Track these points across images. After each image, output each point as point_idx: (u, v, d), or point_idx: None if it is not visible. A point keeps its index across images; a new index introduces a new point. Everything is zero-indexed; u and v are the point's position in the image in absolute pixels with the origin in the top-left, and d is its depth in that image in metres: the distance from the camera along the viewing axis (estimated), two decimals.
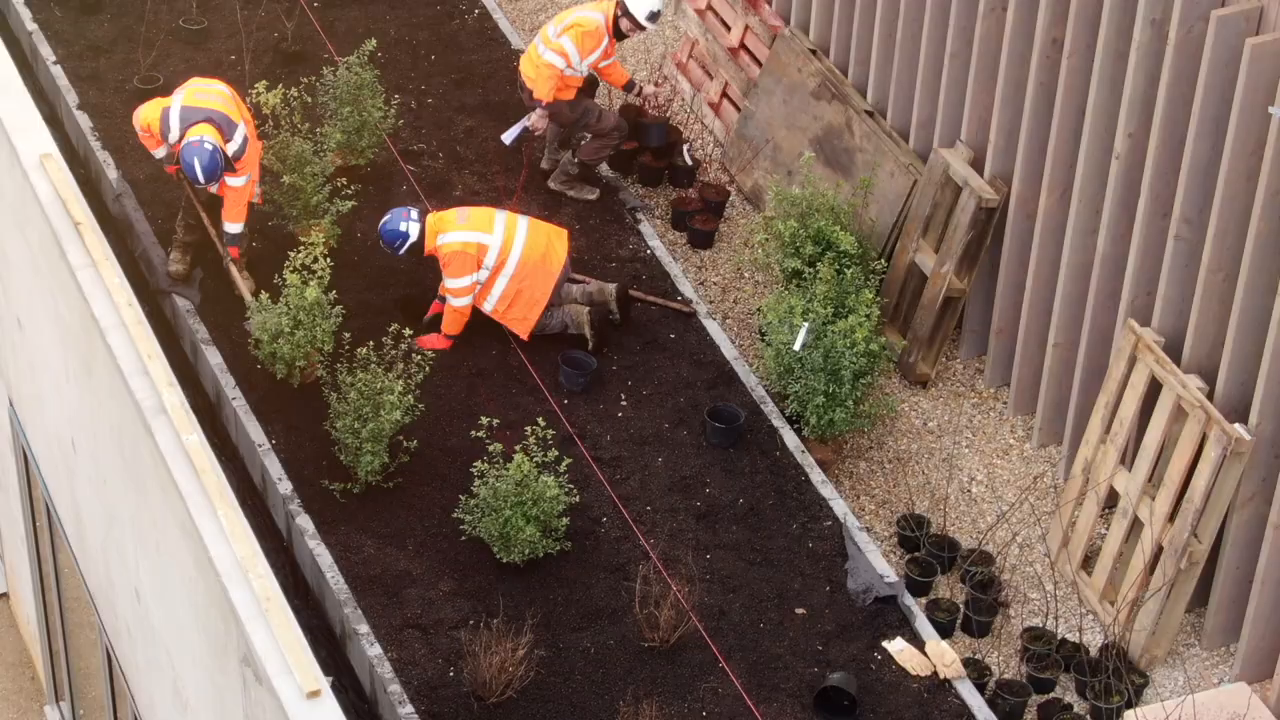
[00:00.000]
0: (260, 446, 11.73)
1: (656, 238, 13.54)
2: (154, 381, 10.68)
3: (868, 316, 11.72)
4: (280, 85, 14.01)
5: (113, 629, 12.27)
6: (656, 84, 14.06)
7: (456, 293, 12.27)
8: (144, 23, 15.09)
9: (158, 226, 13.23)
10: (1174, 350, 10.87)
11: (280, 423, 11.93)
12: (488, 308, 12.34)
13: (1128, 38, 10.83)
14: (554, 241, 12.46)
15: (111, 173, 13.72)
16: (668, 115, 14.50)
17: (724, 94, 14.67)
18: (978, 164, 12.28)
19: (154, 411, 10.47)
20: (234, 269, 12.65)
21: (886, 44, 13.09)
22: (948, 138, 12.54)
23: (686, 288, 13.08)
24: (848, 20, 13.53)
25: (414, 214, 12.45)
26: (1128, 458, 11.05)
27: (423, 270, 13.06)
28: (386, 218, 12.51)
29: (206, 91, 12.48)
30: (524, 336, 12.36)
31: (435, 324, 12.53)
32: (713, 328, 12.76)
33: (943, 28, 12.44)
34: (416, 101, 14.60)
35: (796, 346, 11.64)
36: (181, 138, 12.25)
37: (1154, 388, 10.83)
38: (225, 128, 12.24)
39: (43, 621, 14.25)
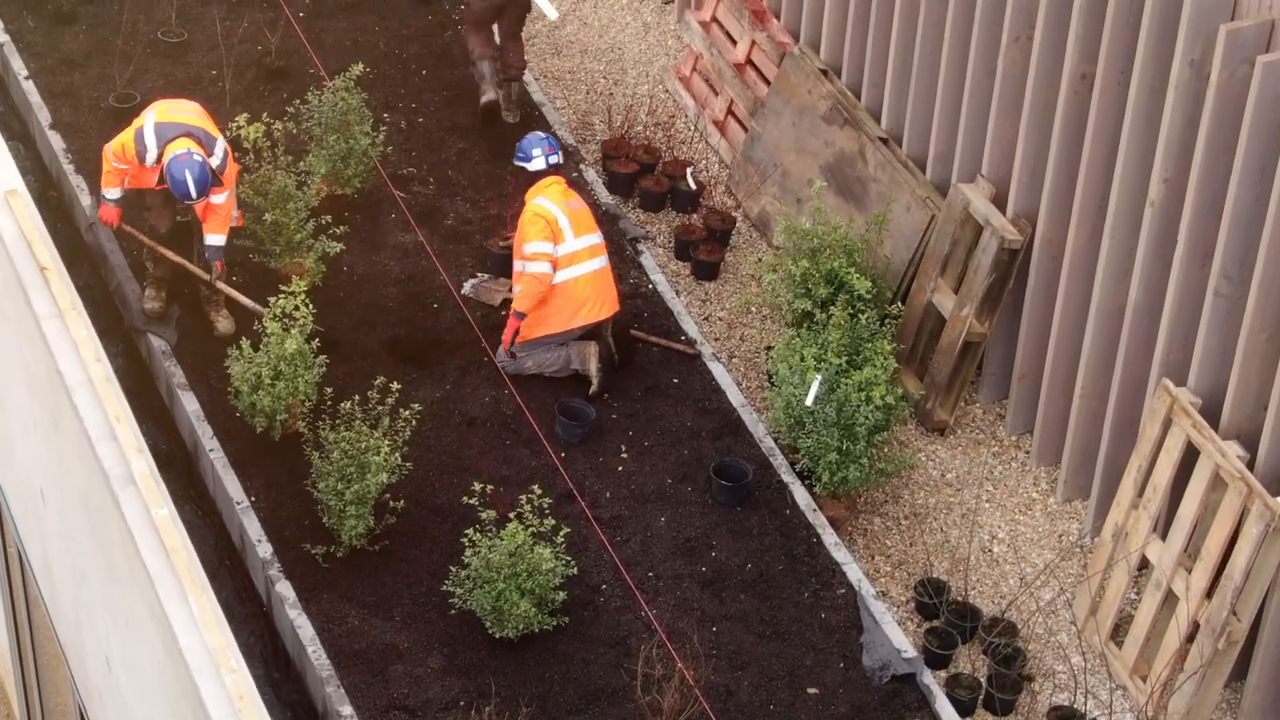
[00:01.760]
0: (239, 504, 11.05)
1: (658, 270, 12.85)
2: (122, 447, 9.98)
3: (884, 368, 11.02)
4: (264, 114, 13.33)
5: (85, 690, 11.61)
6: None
7: (532, 257, 11.63)
8: (121, 34, 14.37)
9: (133, 259, 12.53)
10: (1212, 413, 10.18)
11: (260, 478, 11.25)
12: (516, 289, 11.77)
13: (1164, 77, 10.11)
14: (606, 299, 11.78)
15: (85, 199, 13.02)
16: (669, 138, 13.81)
17: (729, 111, 13.95)
18: (1000, 201, 11.57)
19: (122, 481, 9.78)
20: (222, 285, 11.96)
21: (902, 68, 12.37)
22: (968, 171, 11.83)
23: (690, 327, 12.39)
24: (860, 40, 12.80)
25: (552, 155, 11.95)
26: (1161, 525, 10.36)
27: (413, 309, 12.38)
28: (535, 135, 12.03)
29: (179, 108, 11.80)
30: (504, 345, 11.74)
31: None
32: (718, 371, 12.06)
33: (963, 55, 11.72)
34: (406, 121, 13.89)
35: (809, 401, 10.95)
36: (160, 155, 11.55)
37: (1190, 452, 10.14)
38: (206, 141, 11.56)
39: (19, 671, 13.60)
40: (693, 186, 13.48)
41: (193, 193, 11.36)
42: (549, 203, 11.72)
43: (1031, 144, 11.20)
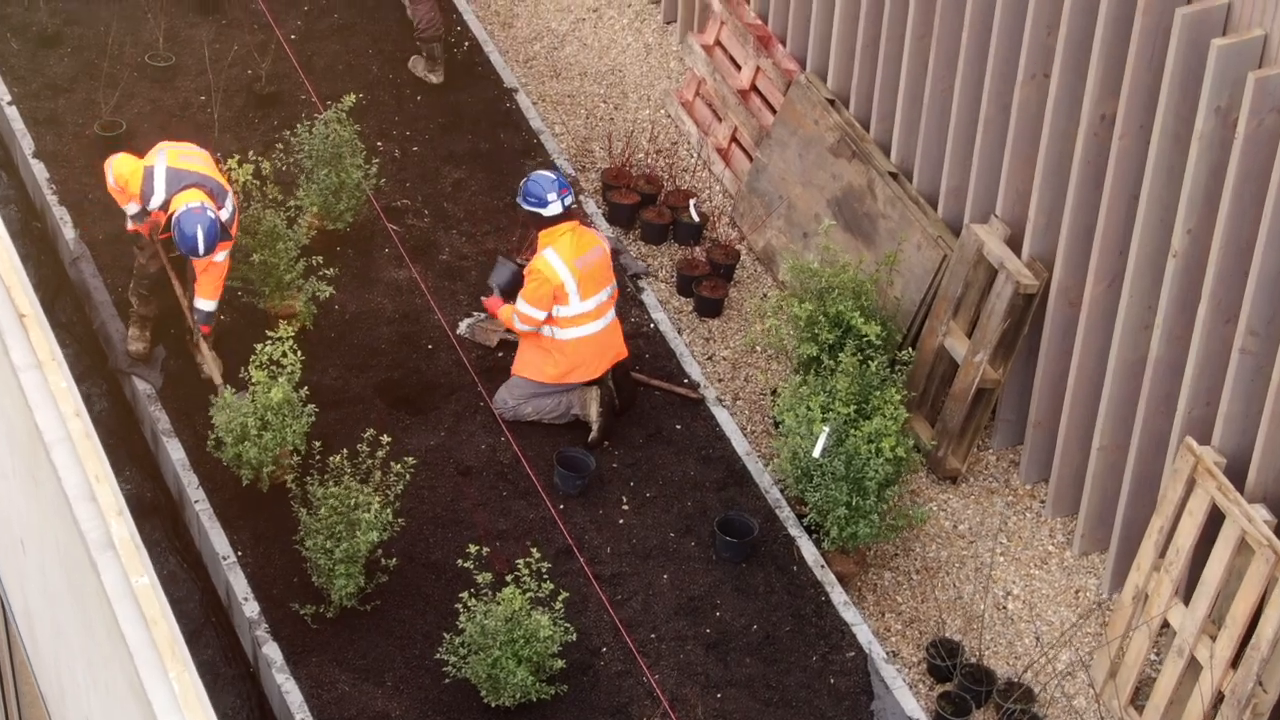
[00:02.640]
0: (225, 560, 10.65)
1: (660, 308, 12.43)
2: (101, 509, 9.56)
3: (894, 418, 10.61)
4: (254, 141, 12.97)
5: None
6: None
7: (523, 317, 11.24)
8: (107, 57, 13.95)
9: (118, 295, 12.12)
10: (1238, 474, 9.76)
11: (248, 530, 10.85)
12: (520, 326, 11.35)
13: (1189, 124, 9.69)
14: (611, 353, 11.40)
15: (68, 232, 12.61)
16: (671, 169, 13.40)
17: (734, 138, 13.53)
18: (1015, 242, 11.16)
19: (100, 546, 9.35)
20: (204, 347, 11.55)
21: (913, 100, 11.94)
22: (981, 210, 11.41)
23: (693, 369, 11.98)
24: (869, 70, 12.37)
25: (566, 197, 11.25)
26: (1183, 589, 9.96)
27: (406, 350, 11.97)
28: (543, 177, 11.28)
29: (189, 154, 11.33)
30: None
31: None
32: (722, 417, 11.65)
33: (976, 89, 11.29)
34: (401, 150, 13.47)
35: (816, 453, 10.54)
36: (168, 203, 11.11)
37: (1215, 514, 9.73)
38: (217, 194, 11.12)
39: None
40: (695, 219, 13.06)
41: (201, 250, 10.94)
42: (559, 262, 11.15)
43: (1048, 185, 10.78)
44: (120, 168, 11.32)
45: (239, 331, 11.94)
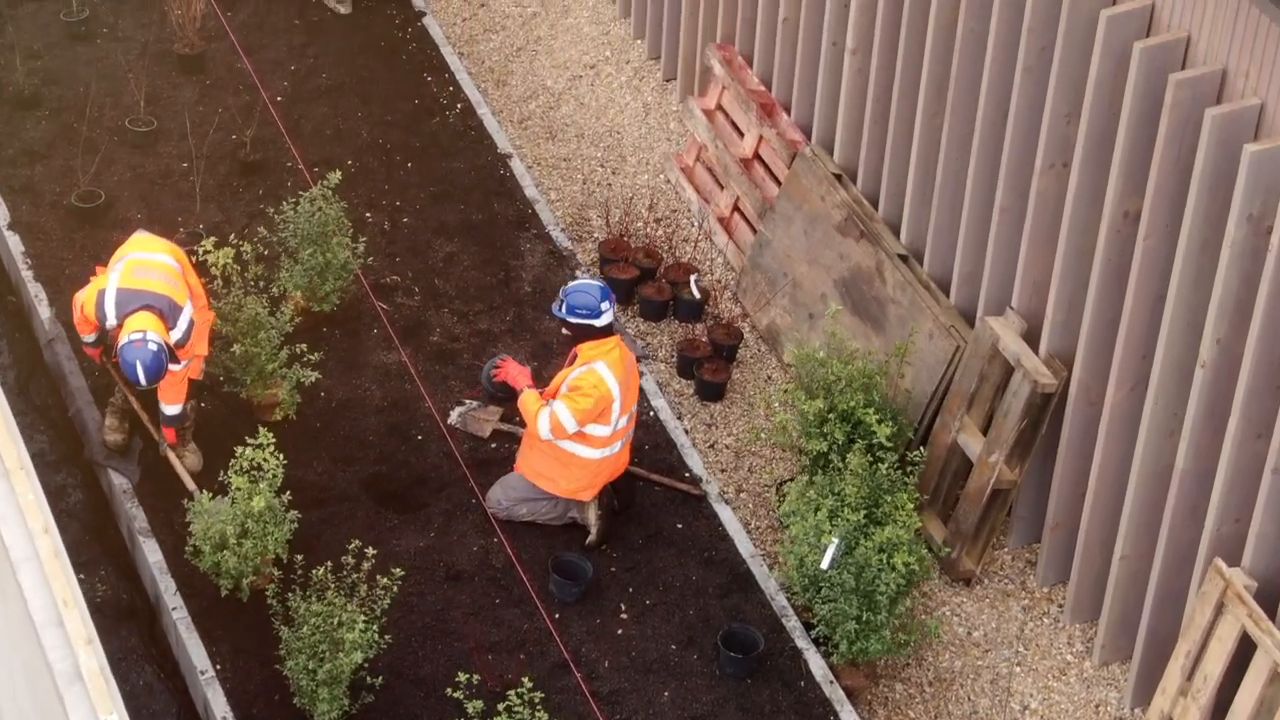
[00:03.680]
0: (203, 674, 10.13)
1: (660, 393, 11.92)
2: (69, 637, 9.05)
3: (906, 526, 10.09)
4: (238, 211, 12.46)
5: None
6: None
7: (555, 425, 10.49)
8: (86, 120, 13.43)
9: (94, 380, 11.61)
10: (1269, 599, 9.26)
11: (227, 642, 10.33)
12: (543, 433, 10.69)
13: (1219, 228, 9.17)
14: (620, 465, 10.89)
15: (44, 311, 12.09)
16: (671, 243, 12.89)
17: (736, 208, 13.01)
18: (1032, 337, 10.64)
19: (68, 678, 8.84)
20: (172, 456, 11.03)
21: (924, 180, 11.43)
22: (996, 300, 10.89)
23: (695, 462, 11.46)
24: (878, 146, 11.85)
25: (612, 304, 10.66)
26: (1211, 718, 9.45)
27: (395, 442, 11.45)
28: (590, 286, 10.65)
29: (147, 266, 10.69)
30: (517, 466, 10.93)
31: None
32: (725, 515, 11.14)
33: (991, 174, 10.77)
34: (390, 221, 12.95)
35: (825, 565, 10.03)
36: (120, 324, 10.57)
37: (1245, 640, 9.22)
38: (169, 314, 10.54)
39: None
40: (696, 295, 12.55)
41: (142, 382, 10.44)
42: (612, 379, 10.55)
43: (1068, 280, 10.27)
44: (81, 298, 10.81)
45: (220, 420, 11.44)
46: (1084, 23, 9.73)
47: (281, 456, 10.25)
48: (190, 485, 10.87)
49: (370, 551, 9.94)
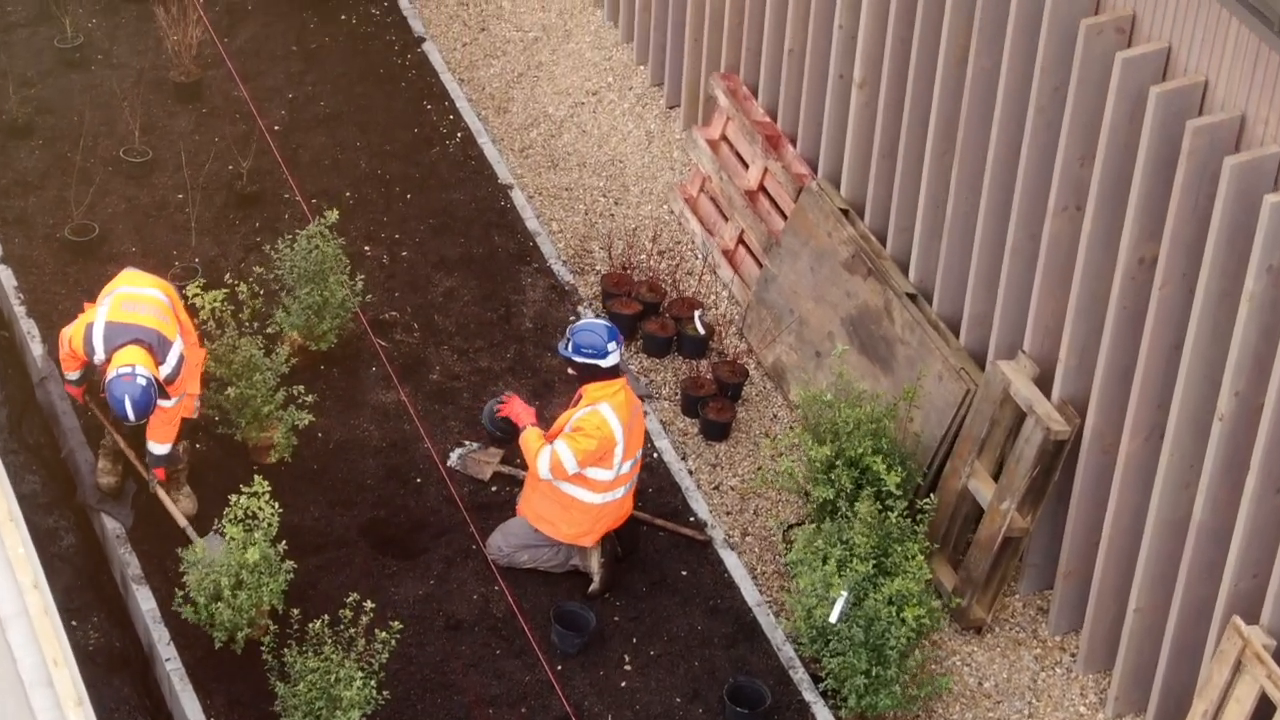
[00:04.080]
0: None
1: (664, 434, 11.69)
2: (59, 697, 8.83)
3: (917, 579, 9.87)
4: (234, 244, 12.26)
5: None
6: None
7: (555, 465, 10.29)
8: (80, 150, 13.22)
9: (87, 420, 11.38)
10: None
11: (222, 695, 10.11)
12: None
13: (1238, 279, 8.94)
14: (625, 512, 10.65)
15: (36, 348, 11.87)
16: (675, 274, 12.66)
17: (740, 240, 12.78)
18: (1044, 381, 10.41)
19: None
20: (162, 494, 10.81)
21: (933, 218, 11.20)
22: (1007, 342, 10.66)
23: (700, 506, 11.24)
24: (886, 181, 11.62)
25: (621, 346, 10.47)
26: None
27: (393, 485, 11.24)
28: (597, 325, 10.46)
29: (136, 300, 10.47)
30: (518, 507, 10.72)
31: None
32: (731, 561, 10.91)
33: (1002, 215, 10.54)
34: (389, 255, 12.73)
35: (833, 618, 9.81)
36: (108, 359, 10.35)
37: (1264, 702, 8.99)
38: (158, 348, 10.32)
39: None
40: (701, 331, 12.32)
41: (130, 418, 10.21)
42: (616, 421, 10.34)
43: (1081, 324, 10.04)
44: (69, 332, 10.58)
45: (215, 462, 11.23)
46: (1099, 64, 9.51)
47: (277, 505, 10.02)
48: (182, 523, 10.66)
49: (369, 605, 9.72)
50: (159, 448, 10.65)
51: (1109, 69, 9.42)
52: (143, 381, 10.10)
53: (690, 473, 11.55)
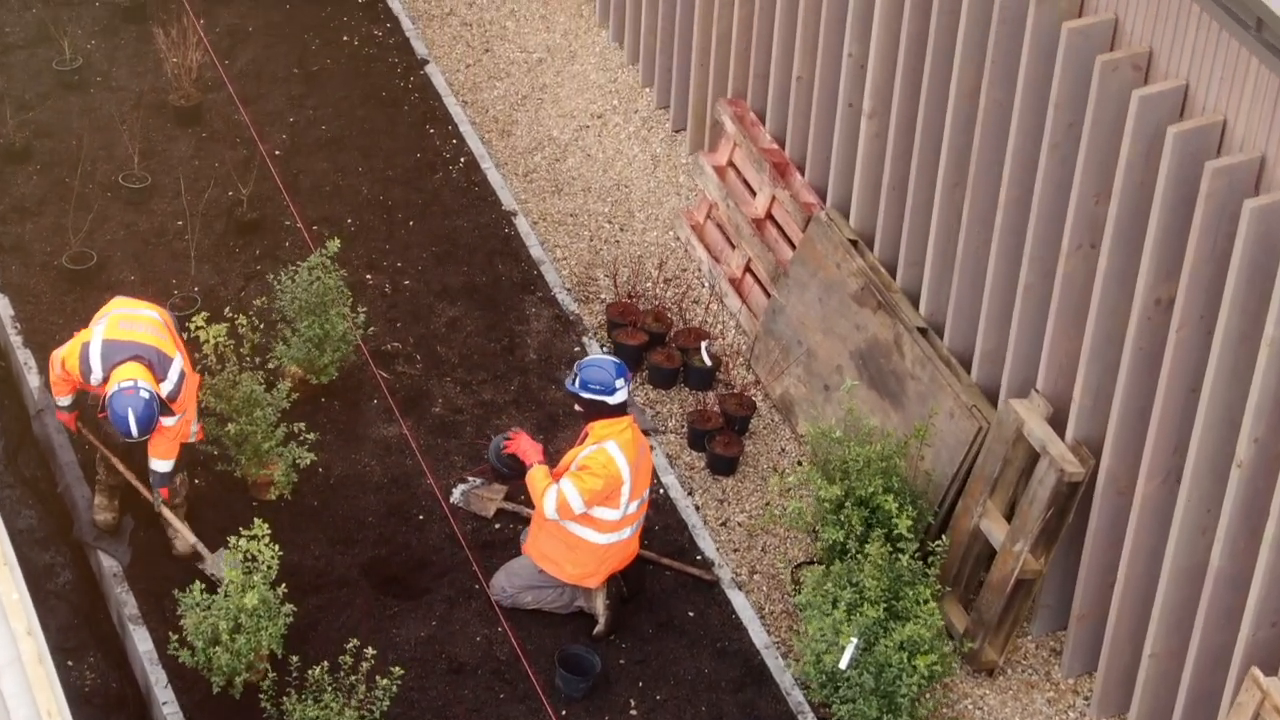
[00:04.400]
0: None
1: (670, 469, 11.51)
2: None
3: (928, 625, 9.68)
4: (234, 273, 12.08)
5: None
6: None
7: (561, 505, 10.08)
8: (78, 175, 13.04)
9: (83, 456, 11.21)
10: None
11: None
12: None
13: (1258, 322, 8.75)
14: (631, 552, 10.47)
15: (33, 379, 11.69)
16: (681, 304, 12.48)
17: (748, 269, 12.59)
18: (1058, 421, 10.21)
19: None
20: (166, 513, 10.64)
21: (944, 249, 11.01)
22: (1019, 380, 10.47)
23: (707, 545, 11.05)
24: (896, 212, 11.43)
25: (629, 383, 10.27)
26: None
27: (395, 523, 11.06)
28: (605, 362, 10.25)
29: (132, 320, 10.35)
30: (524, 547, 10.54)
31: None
32: (739, 601, 10.73)
33: (1015, 251, 10.35)
34: (391, 284, 12.55)
35: (843, 665, 9.62)
36: (106, 378, 10.18)
37: None
38: (158, 365, 10.17)
39: None
40: (708, 363, 12.13)
41: (134, 433, 10.02)
42: (623, 460, 10.14)
43: (1096, 364, 9.85)
44: (62, 353, 10.39)
45: (214, 499, 11.06)
46: (1114, 101, 9.31)
47: (276, 547, 9.84)
48: (190, 538, 10.51)
49: (369, 651, 9.53)
50: (162, 464, 10.46)
51: (1125, 106, 9.23)
52: (145, 395, 9.94)
53: (697, 508, 11.37)
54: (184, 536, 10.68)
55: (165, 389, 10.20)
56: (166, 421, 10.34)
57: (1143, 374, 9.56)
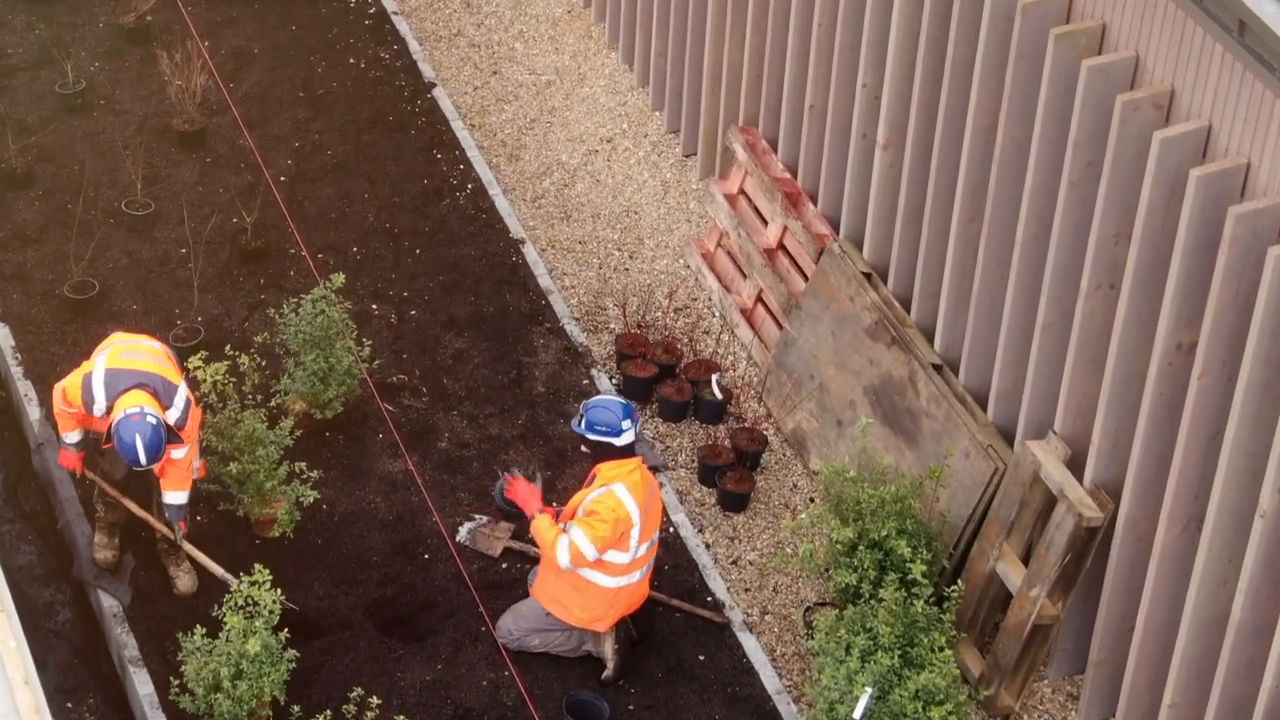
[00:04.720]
0: None
1: (680, 506, 11.32)
2: None
3: (944, 674, 9.49)
4: (238, 302, 11.90)
5: None
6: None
7: (574, 554, 9.89)
8: (81, 201, 12.86)
9: (84, 492, 11.02)
10: None
11: None
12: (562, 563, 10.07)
13: None
14: (641, 595, 10.27)
15: (33, 412, 11.52)
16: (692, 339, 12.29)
17: (759, 299, 12.40)
18: (1076, 463, 10.01)
19: None
20: (189, 547, 10.49)
21: (960, 285, 10.81)
22: (1037, 420, 10.27)
23: (718, 585, 10.86)
24: (911, 245, 11.24)
25: (636, 424, 10.09)
26: None
27: (400, 562, 10.87)
28: (612, 403, 10.09)
29: (134, 349, 10.20)
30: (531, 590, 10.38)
31: None
32: (750, 645, 10.54)
33: (1033, 289, 10.15)
34: (397, 314, 12.36)
35: (857, 715, 9.43)
36: (110, 408, 10.01)
37: None
38: (163, 392, 10.00)
39: None
40: (718, 396, 11.94)
41: (143, 460, 9.85)
42: (632, 502, 9.95)
43: (1115, 407, 9.65)
44: (64, 384, 10.22)
45: (217, 537, 10.88)
46: (1135, 141, 9.12)
47: (279, 591, 9.66)
48: (218, 571, 10.35)
49: (374, 701, 9.36)
50: (177, 497, 10.29)
51: (1146, 147, 9.03)
52: (153, 420, 9.77)
53: (707, 546, 11.18)
54: (208, 568, 10.53)
55: (172, 416, 10.04)
56: (176, 454, 10.18)
57: (1163, 419, 9.36)
